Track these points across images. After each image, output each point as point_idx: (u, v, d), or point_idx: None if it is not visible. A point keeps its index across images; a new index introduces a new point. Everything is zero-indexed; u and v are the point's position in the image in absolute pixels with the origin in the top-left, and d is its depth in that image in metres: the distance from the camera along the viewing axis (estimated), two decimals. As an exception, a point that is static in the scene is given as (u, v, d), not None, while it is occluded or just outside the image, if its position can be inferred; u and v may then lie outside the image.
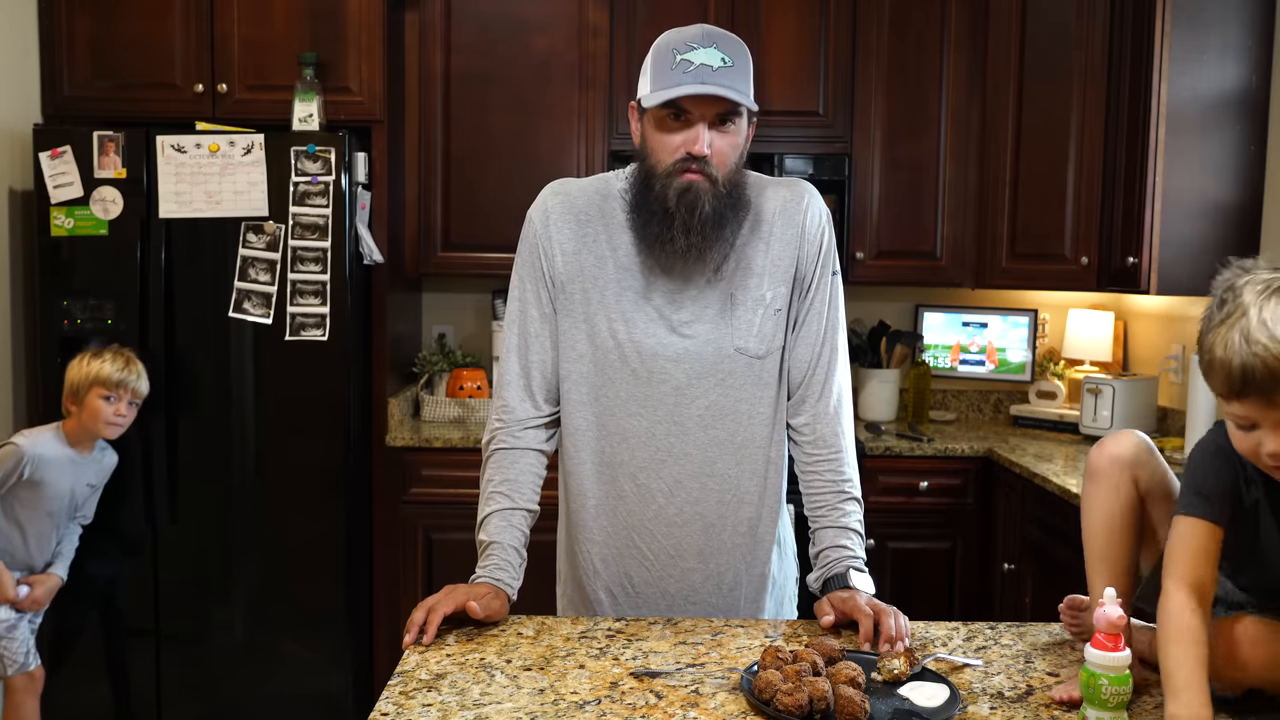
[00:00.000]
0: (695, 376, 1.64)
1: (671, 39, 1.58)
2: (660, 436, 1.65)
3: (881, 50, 3.52)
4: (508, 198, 3.49)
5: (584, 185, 1.72)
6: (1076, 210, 3.33)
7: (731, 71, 1.54)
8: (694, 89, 1.51)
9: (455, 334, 3.87)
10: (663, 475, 1.66)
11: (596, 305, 1.65)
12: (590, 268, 1.66)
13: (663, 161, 1.58)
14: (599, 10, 3.48)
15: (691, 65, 1.53)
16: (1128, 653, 1.21)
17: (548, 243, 1.68)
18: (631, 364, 1.64)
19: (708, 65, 1.53)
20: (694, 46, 1.54)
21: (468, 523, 3.29)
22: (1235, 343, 1.13)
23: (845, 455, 1.70)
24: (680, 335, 1.64)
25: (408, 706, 1.29)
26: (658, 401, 1.64)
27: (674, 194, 1.56)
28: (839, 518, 1.67)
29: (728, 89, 1.52)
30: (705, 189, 1.56)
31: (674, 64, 1.54)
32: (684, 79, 1.52)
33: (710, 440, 1.66)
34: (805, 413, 1.70)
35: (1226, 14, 3.00)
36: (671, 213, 1.57)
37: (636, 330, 1.63)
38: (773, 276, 1.66)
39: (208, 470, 3.11)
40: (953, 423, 3.81)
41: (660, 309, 1.64)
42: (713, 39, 1.56)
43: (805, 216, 1.68)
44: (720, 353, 1.64)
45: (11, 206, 3.14)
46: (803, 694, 1.23)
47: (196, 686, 3.14)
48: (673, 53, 1.55)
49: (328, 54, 3.20)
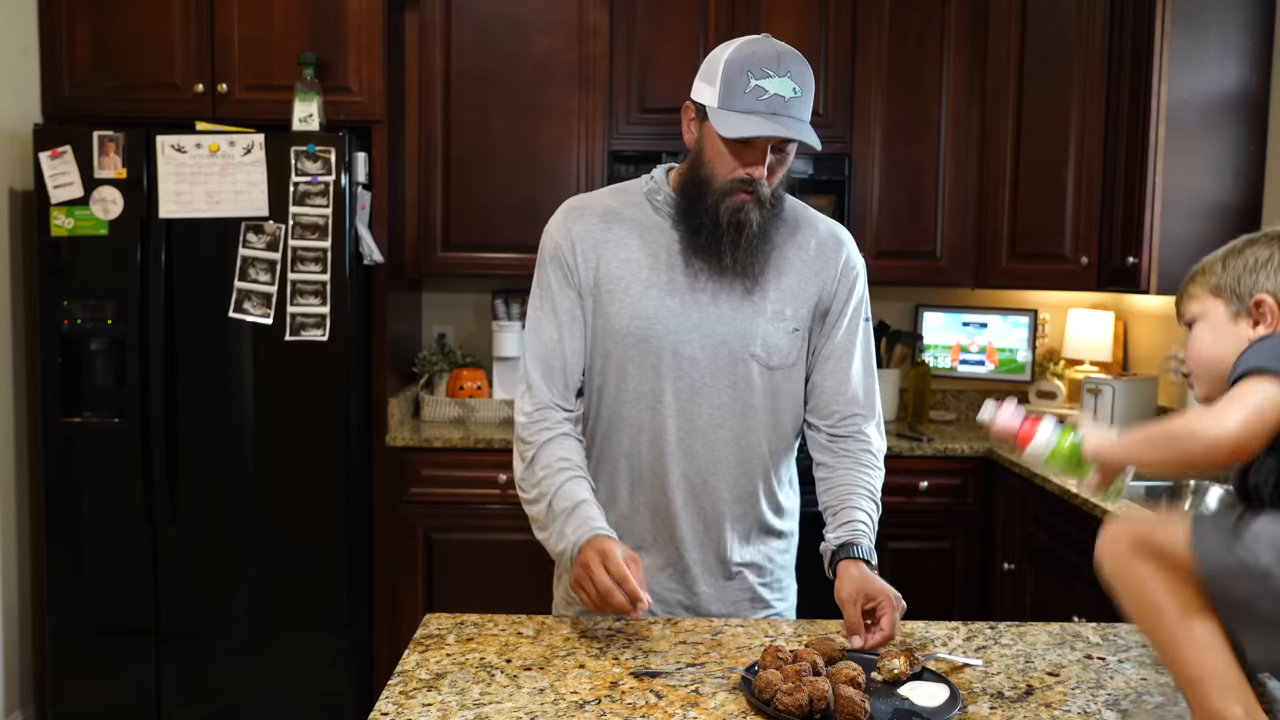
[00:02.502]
0: (710, 375, 1.68)
1: (745, 57, 1.58)
2: (671, 431, 1.68)
3: (881, 51, 3.52)
4: (508, 198, 3.49)
5: (600, 196, 1.77)
6: (1076, 210, 3.33)
7: (800, 102, 1.59)
8: (770, 129, 1.55)
9: (455, 334, 3.87)
10: (671, 471, 1.69)
11: (620, 304, 1.68)
12: (614, 268, 1.68)
13: (720, 176, 1.61)
14: (599, 10, 3.48)
15: (765, 93, 1.56)
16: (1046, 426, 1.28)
17: (570, 253, 1.70)
18: (650, 360, 1.68)
19: (780, 95, 1.56)
20: (769, 74, 1.56)
21: (468, 523, 3.32)
22: None
23: (877, 471, 1.79)
24: (699, 335, 1.67)
25: (408, 706, 1.29)
26: (672, 398, 1.68)
27: (726, 212, 1.61)
28: (861, 501, 1.72)
29: (799, 124, 1.57)
30: (754, 208, 1.62)
31: (747, 88, 1.56)
32: (758, 107, 1.55)
33: (718, 440, 1.69)
34: (851, 443, 1.76)
35: (1226, 14, 3.00)
36: (722, 230, 1.62)
37: (656, 327, 1.66)
38: (796, 297, 1.70)
39: (208, 470, 3.11)
40: (953, 423, 3.81)
41: (682, 308, 1.67)
42: (786, 66, 1.57)
43: (842, 256, 1.75)
44: (734, 356, 1.68)
45: (11, 206, 3.14)
46: (803, 694, 1.23)
47: (196, 686, 3.14)
48: (747, 75, 1.56)
49: (328, 54, 3.20)
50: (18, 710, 3.20)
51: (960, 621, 1.64)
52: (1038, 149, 3.42)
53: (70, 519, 3.10)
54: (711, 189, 1.62)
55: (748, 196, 1.61)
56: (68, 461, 3.09)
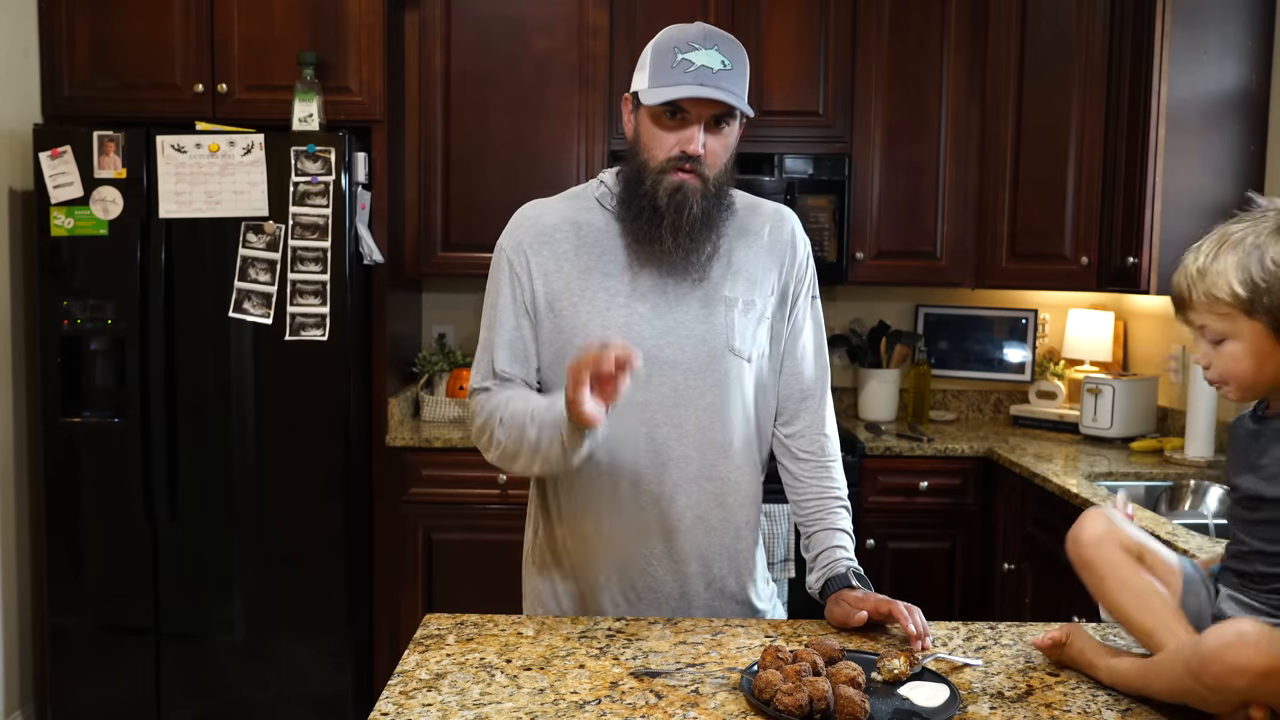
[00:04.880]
0: (693, 377, 1.64)
1: (672, 36, 1.58)
2: (660, 440, 1.64)
3: (881, 50, 3.52)
4: (508, 198, 3.45)
5: (552, 203, 1.72)
6: (1076, 210, 3.33)
7: (730, 74, 1.55)
8: (695, 91, 1.52)
9: (455, 334, 3.87)
10: (664, 480, 1.65)
11: (586, 316, 1.63)
12: (575, 281, 1.64)
13: (656, 158, 1.59)
14: (599, 10, 3.48)
15: (692, 65, 1.54)
16: None
17: (524, 269, 1.66)
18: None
19: (708, 67, 1.54)
20: (695, 47, 1.55)
21: (468, 523, 3.32)
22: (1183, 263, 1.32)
23: (837, 465, 1.77)
24: (675, 337, 1.63)
25: (408, 706, 1.29)
26: (657, 405, 1.63)
27: (664, 192, 1.57)
28: (836, 520, 1.71)
29: (727, 93, 1.54)
30: (695, 189, 1.58)
31: (674, 63, 1.54)
32: (684, 79, 1.53)
33: (708, 442, 1.66)
34: (803, 426, 1.75)
35: (1226, 14, 3.00)
36: (661, 211, 1.57)
37: (631, 335, 1.61)
38: (761, 285, 1.69)
39: (208, 470, 3.11)
40: (953, 423, 3.81)
41: (653, 312, 1.63)
42: (713, 40, 1.56)
43: (794, 238, 1.74)
44: (714, 354, 1.64)
45: (11, 206, 3.14)
46: (803, 694, 1.23)
47: (196, 686, 3.14)
48: (674, 51, 1.55)
49: (328, 54, 3.20)
50: (18, 710, 3.20)
51: (960, 621, 1.63)
52: (1038, 149, 3.42)
53: (70, 519, 3.10)
54: (649, 171, 1.59)
55: (686, 175, 1.57)
56: (68, 461, 3.09)
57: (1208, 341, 1.31)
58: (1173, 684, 1.23)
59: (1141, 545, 1.38)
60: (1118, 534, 1.38)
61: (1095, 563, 1.37)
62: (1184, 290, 1.31)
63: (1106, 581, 1.36)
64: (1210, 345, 1.30)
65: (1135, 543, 1.38)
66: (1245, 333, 1.26)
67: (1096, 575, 1.37)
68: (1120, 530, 1.38)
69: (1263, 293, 1.24)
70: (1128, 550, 1.37)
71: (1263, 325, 1.25)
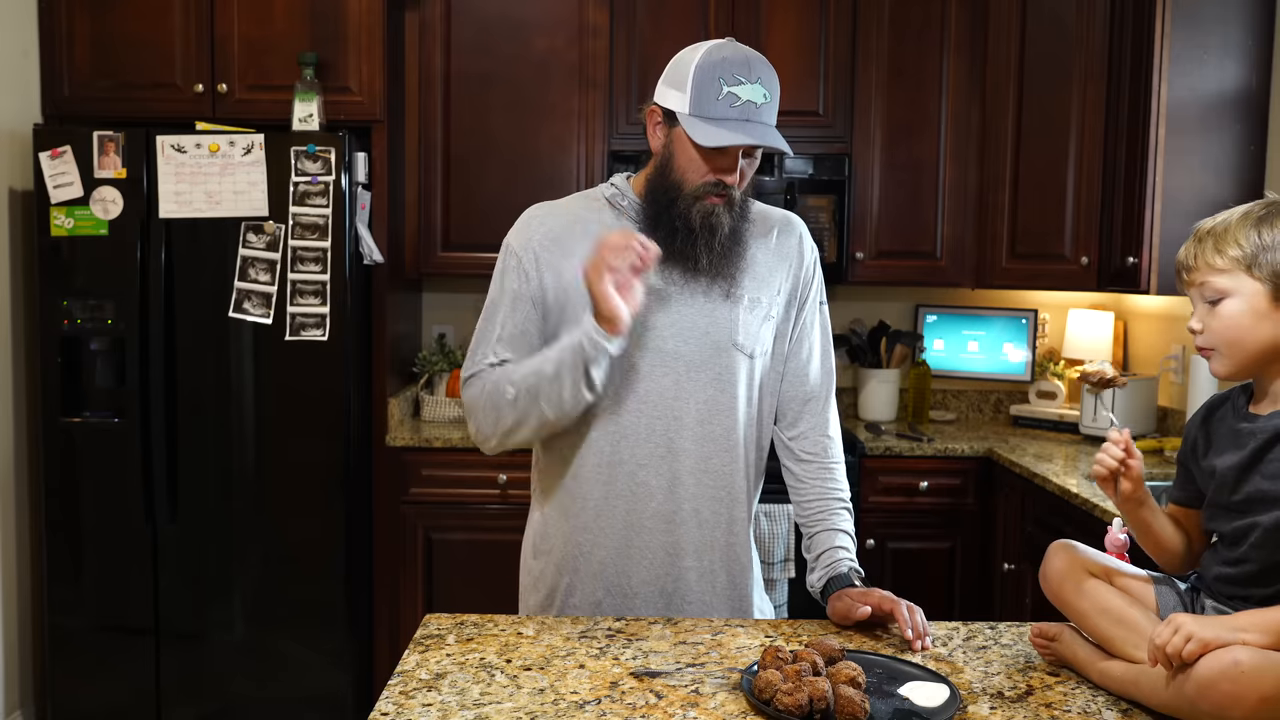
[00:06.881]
0: (695, 369, 1.66)
1: (715, 62, 1.57)
2: (659, 432, 1.66)
3: (881, 50, 3.52)
4: (508, 198, 3.48)
5: (560, 204, 1.75)
6: (1076, 210, 3.33)
7: (770, 107, 1.59)
8: (747, 140, 1.55)
9: (455, 334, 3.87)
10: (661, 472, 1.67)
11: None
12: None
13: (691, 181, 1.61)
14: (599, 10, 3.48)
15: (738, 100, 1.56)
16: None
17: (532, 265, 1.68)
18: (632, 358, 1.65)
19: (753, 102, 1.57)
20: (741, 80, 1.56)
21: (468, 523, 3.32)
22: None
23: (840, 467, 1.80)
24: (679, 330, 1.66)
25: (408, 706, 1.29)
26: (657, 397, 1.66)
27: (698, 216, 1.61)
28: (838, 521, 1.74)
29: (773, 135, 1.57)
30: (724, 211, 1.62)
31: (720, 94, 1.56)
32: (731, 114, 1.56)
33: (706, 435, 1.68)
34: (806, 428, 1.78)
35: (1226, 14, 3.00)
36: (694, 233, 1.61)
37: (636, 326, 1.62)
38: (769, 285, 1.72)
39: (208, 470, 3.11)
40: (953, 423, 3.81)
41: (659, 305, 1.65)
42: (756, 72, 1.58)
43: (802, 244, 1.78)
44: (718, 347, 1.67)
45: (11, 206, 3.14)
46: (803, 694, 1.23)
47: (196, 686, 3.14)
48: (719, 82, 1.56)
49: (328, 54, 3.20)
50: (18, 710, 3.20)
51: (960, 621, 1.64)
52: (1037, 149, 3.42)
53: (70, 519, 3.10)
54: (683, 194, 1.61)
55: (719, 200, 1.61)
56: (68, 461, 3.09)
57: (1205, 302, 1.32)
58: (1165, 702, 1.24)
59: (1108, 568, 1.41)
60: (1082, 562, 1.41)
61: (1067, 595, 1.41)
62: (1190, 251, 1.33)
63: (1082, 608, 1.39)
64: (1207, 307, 1.32)
65: (1101, 566, 1.41)
66: (1245, 290, 1.29)
67: (1071, 606, 1.40)
68: (1084, 558, 1.42)
69: (1267, 249, 1.27)
70: (1095, 575, 1.40)
71: (1262, 285, 1.28)
